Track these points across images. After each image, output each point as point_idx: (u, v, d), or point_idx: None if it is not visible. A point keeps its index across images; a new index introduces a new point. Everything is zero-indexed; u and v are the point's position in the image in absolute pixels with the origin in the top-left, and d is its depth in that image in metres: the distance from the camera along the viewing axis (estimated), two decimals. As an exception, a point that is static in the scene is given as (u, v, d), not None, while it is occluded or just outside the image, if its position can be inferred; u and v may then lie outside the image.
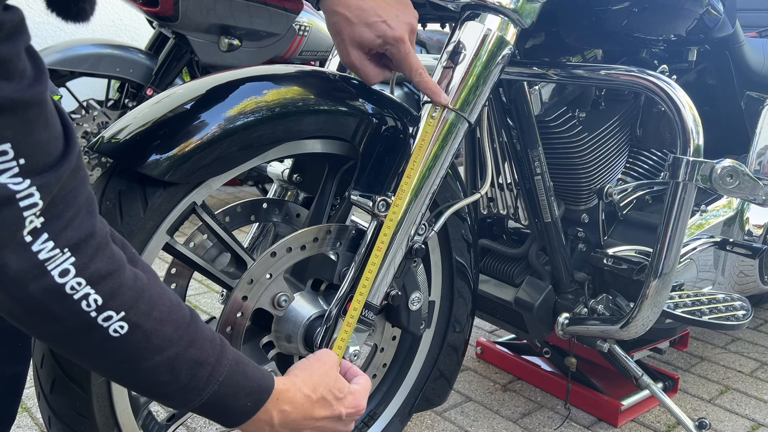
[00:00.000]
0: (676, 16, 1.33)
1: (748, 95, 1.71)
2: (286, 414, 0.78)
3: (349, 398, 0.86)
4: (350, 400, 0.86)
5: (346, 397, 0.85)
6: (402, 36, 0.95)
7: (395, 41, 0.95)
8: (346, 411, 0.85)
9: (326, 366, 0.86)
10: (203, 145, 0.91)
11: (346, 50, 0.97)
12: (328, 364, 0.87)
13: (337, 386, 0.85)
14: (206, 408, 0.72)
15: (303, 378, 0.83)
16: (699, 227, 1.54)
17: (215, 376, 0.70)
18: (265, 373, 0.77)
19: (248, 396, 0.74)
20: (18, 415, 1.52)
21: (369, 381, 0.92)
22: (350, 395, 0.86)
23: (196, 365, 0.69)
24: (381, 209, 1.02)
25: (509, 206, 1.50)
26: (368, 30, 0.94)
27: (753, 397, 1.75)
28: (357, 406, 0.86)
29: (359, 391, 0.88)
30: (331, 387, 0.84)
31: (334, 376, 0.86)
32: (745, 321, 1.37)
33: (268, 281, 1.01)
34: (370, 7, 0.94)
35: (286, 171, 1.22)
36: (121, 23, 4.09)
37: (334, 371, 0.86)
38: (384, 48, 0.96)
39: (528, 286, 1.46)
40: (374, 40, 0.95)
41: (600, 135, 1.42)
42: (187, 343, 0.68)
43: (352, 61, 0.98)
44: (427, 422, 1.57)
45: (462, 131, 1.05)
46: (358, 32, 0.95)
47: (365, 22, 0.94)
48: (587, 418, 1.61)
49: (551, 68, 1.26)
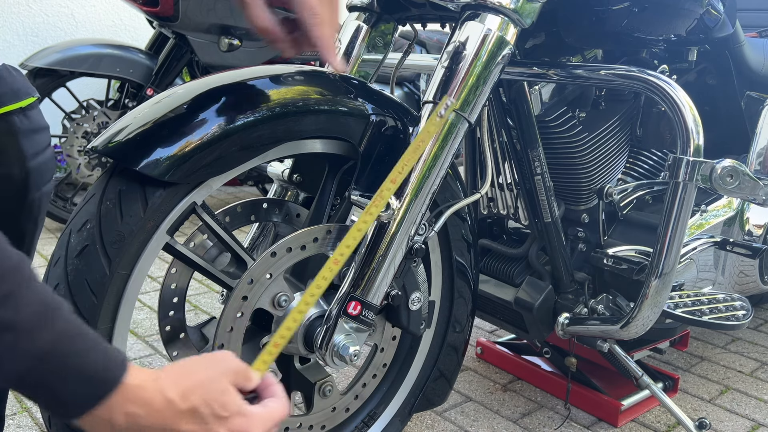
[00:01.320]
0: (676, 16, 1.33)
1: (748, 95, 1.71)
2: (135, 418, 0.61)
3: (236, 420, 0.64)
4: (237, 424, 0.64)
5: (232, 419, 0.64)
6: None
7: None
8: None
9: (214, 370, 0.66)
10: (203, 145, 0.91)
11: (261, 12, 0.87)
12: (219, 368, 0.66)
13: (221, 400, 0.64)
14: (29, 388, 0.59)
15: (173, 378, 0.64)
16: (699, 227, 1.54)
17: (28, 347, 0.57)
18: (119, 361, 0.61)
19: (83, 384, 0.59)
20: (18, 415, 1.52)
21: (284, 409, 0.71)
22: (240, 417, 0.65)
23: (4, 329, 0.56)
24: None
25: (509, 206, 1.50)
26: None
27: (753, 397, 1.75)
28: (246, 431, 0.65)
29: (257, 415, 0.67)
30: (212, 399, 0.64)
31: (222, 387, 0.65)
32: (745, 321, 1.37)
33: (268, 281, 1.01)
34: None
35: (286, 171, 1.22)
36: (121, 23, 4.09)
37: (224, 381, 0.66)
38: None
39: (528, 286, 1.46)
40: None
41: (600, 135, 1.42)
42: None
43: (264, 24, 0.87)
44: (427, 422, 1.57)
45: (462, 131, 1.05)
46: None
47: None
48: (587, 418, 1.61)
49: (551, 68, 1.26)
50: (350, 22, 1.31)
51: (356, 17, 1.31)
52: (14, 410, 1.54)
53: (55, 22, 3.88)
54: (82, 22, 3.96)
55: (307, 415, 1.15)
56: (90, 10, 3.98)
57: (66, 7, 3.90)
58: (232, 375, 0.67)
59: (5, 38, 3.72)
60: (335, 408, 1.18)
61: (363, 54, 1.31)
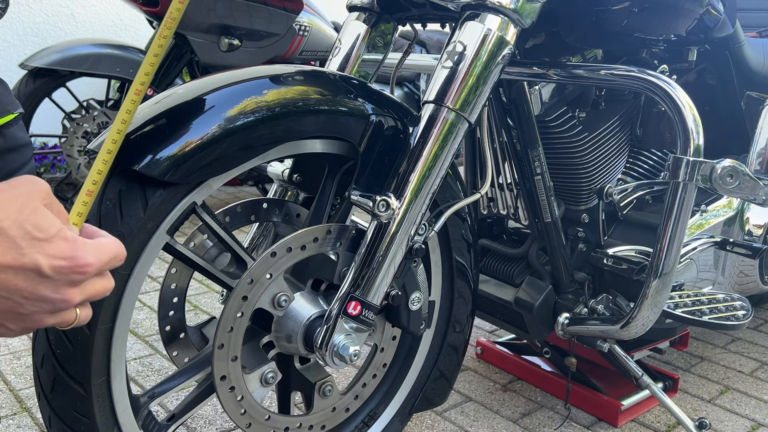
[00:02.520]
0: (676, 16, 1.33)
1: (748, 95, 1.71)
2: None
3: (58, 245, 0.53)
4: (60, 249, 0.53)
5: (52, 242, 0.52)
6: None
7: None
8: (49, 262, 0.52)
9: (20, 189, 0.53)
10: (203, 145, 0.91)
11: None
12: (26, 188, 0.54)
13: (33, 220, 0.52)
14: None
15: None
16: (699, 227, 1.54)
17: None
18: None
19: None
20: (18, 415, 1.52)
21: (118, 245, 0.58)
22: (62, 241, 0.53)
23: None
24: (381, 209, 1.02)
25: (509, 206, 1.50)
26: None
27: (753, 397, 1.75)
28: (72, 258, 0.53)
29: (85, 242, 0.55)
30: (23, 219, 0.52)
31: (33, 206, 0.53)
32: (745, 321, 1.37)
33: (268, 281, 1.01)
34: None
35: (286, 171, 1.22)
36: (121, 23, 4.09)
37: (34, 200, 0.53)
38: None
39: (528, 286, 1.46)
40: None
41: (600, 135, 1.42)
42: None
43: None
44: (427, 422, 1.57)
45: (462, 131, 1.05)
46: None
47: None
48: (587, 418, 1.61)
49: (551, 68, 1.26)
50: (350, 22, 1.31)
51: (356, 17, 1.31)
52: (14, 410, 1.54)
53: (55, 22, 3.88)
54: (82, 22, 3.96)
55: (307, 415, 1.15)
56: (90, 10, 3.99)
57: (66, 7, 3.90)
58: (43, 195, 0.54)
59: (5, 38, 3.72)
60: (335, 408, 1.18)
61: (363, 54, 1.31)
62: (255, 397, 1.05)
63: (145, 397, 1.04)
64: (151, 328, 2.01)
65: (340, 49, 1.30)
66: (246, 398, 1.04)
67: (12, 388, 1.63)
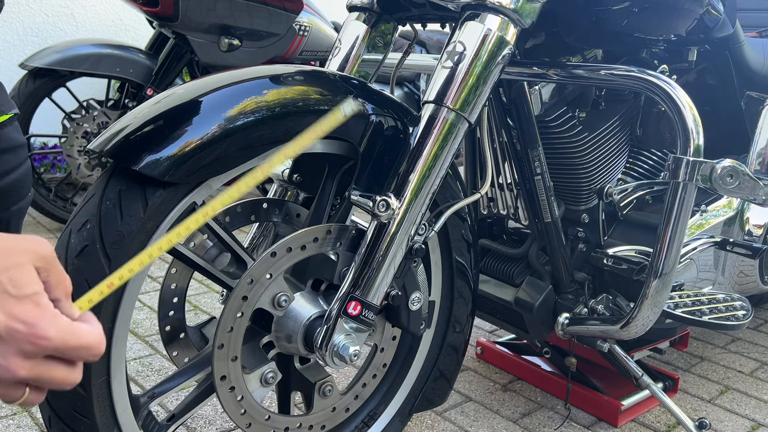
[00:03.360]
0: (676, 16, 1.33)
1: (748, 95, 1.71)
2: None
3: (25, 307, 0.50)
4: (25, 311, 0.49)
5: (21, 303, 0.49)
6: None
7: None
8: (6, 321, 0.49)
9: (15, 244, 0.51)
10: (203, 145, 0.91)
11: None
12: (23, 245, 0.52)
13: (13, 274, 0.50)
14: None
15: None
16: (699, 227, 1.54)
17: None
18: None
19: None
20: (18, 415, 1.52)
21: (96, 336, 0.54)
22: (32, 305, 0.50)
23: None
24: (381, 209, 1.02)
25: (509, 206, 1.50)
26: None
27: (753, 397, 1.75)
28: (32, 325, 0.49)
29: (57, 317, 0.51)
30: (4, 270, 0.50)
31: (18, 261, 0.50)
32: (745, 321, 1.37)
33: (268, 281, 1.01)
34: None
35: (286, 171, 1.22)
36: (121, 23, 4.09)
37: (24, 256, 0.51)
38: None
39: (528, 286, 1.46)
40: None
41: (600, 135, 1.42)
42: None
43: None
44: (427, 422, 1.57)
45: (462, 131, 1.05)
46: None
47: None
48: (587, 418, 1.61)
49: (551, 68, 1.26)
50: (350, 22, 1.31)
51: (356, 17, 1.31)
52: (14, 410, 1.54)
53: (55, 22, 3.88)
54: (82, 22, 3.96)
55: (307, 415, 1.15)
56: (90, 10, 3.98)
57: (66, 7, 3.90)
58: (39, 258, 0.52)
59: (5, 38, 3.72)
60: (335, 408, 1.18)
61: (363, 54, 1.31)
62: (255, 397, 1.05)
63: (145, 397, 1.04)
64: (151, 328, 2.01)
65: (340, 49, 1.30)
66: (246, 398, 1.04)
67: (12, 388, 1.63)
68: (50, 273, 0.53)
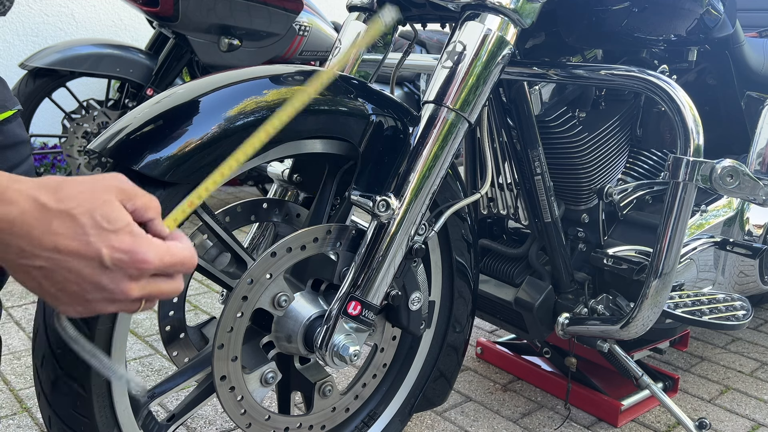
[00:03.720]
0: (676, 16, 1.33)
1: (748, 95, 1.71)
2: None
3: (123, 238, 0.55)
4: (124, 242, 0.54)
5: (118, 235, 0.54)
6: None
7: None
8: (111, 253, 0.54)
9: (100, 183, 0.56)
10: (203, 145, 0.91)
11: None
12: (106, 182, 0.56)
13: (104, 210, 0.54)
14: None
15: (41, 182, 0.54)
16: (699, 227, 1.54)
17: None
18: None
19: None
20: (18, 415, 1.52)
21: (189, 253, 0.60)
22: (127, 235, 0.55)
23: None
24: (381, 209, 1.02)
25: (509, 206, 1.50)
26: None
27: (753, 397, 1.75)
28: (133, 252, 0.55)
29: (151, 241, 0.57)
30: (94, 208, 0.54)
31: (107, 198, 0.55)
32: (745, 321, 1.37)
33: (268, 281, 1.01)
34: None
35: (286, 171, 1.22)
36: (121, 23, 4.09)
37: (110, 193, 0.56)
38: None
39: (528, 286, 1.46)
40: None
41: (600, 135, 1.42)
42: None
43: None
44: (427, 422, 1.57)
45: (462, 131, 1.05)
46: None
47: None
48: (587, 418, 1.61)
49: (551, 68, 1.26)
50: (350, 22, 1.31)
51: (356, 17, 1.31)
52: (14, 410, 1.54)
53: (55, 22, 3.88)
54: (82, 22, 3.96)
55: (307, 415, 1.15)
56: (90, 10, 3.99)
57: (66, 7, 3.90)
58: (119, 191, 0.57)
59: (5, 38, 3.72)
60: (335, 408, 1.18)
61: (363, 54, 1.31)
62: (255, 397, 1.05)
63: (145, 397, 1.04)
64: (151, 328, 2.01)
65: (340, 49, 1.30)
66: (246, 398, 1.04)
67: (12, 388, 1.63)
68: (135, 201, 0.58)
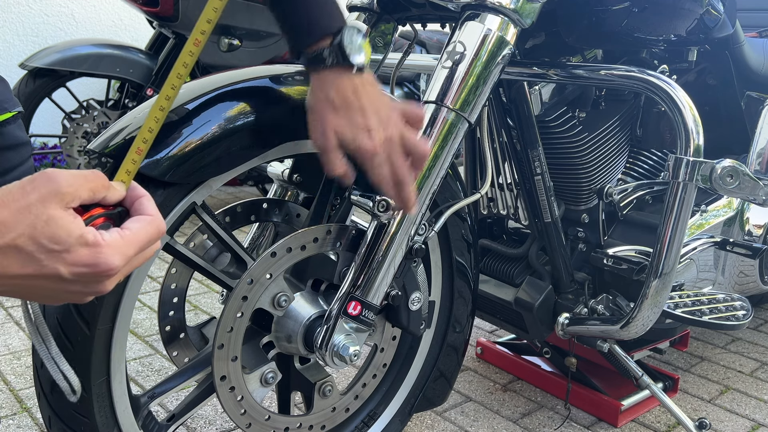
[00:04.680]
0: (676, 16, 1.33)
1: (748, 95, 1.71)
2: None
3: (79, 252, 0.52)
4: (82, 256, 0.52)
5: (72, 250, 0.52)
6: (375, 149, 0.86)
7: (367, 153, 0.86)
8: (70, 270, 0.52)
9: (31, 197, 0.52)
10: (203, 145, 0.91)
11: (324, 133, 0.87)
12: (37, 194, 0.52)
13: (47, 232, 0.51)
14: None
15: None
16: (699, 227, 1.54)
17: None
18: None
19: None
20: (18, 415, 1.52)
21: (153, 227, 0.59)
22: (82, 248, 0.52)
23: None
24: (381, 209, 1.02)
25: (509, 206, 1.50)
26: (348, 128, 0.86)
27: (753, 397, 1.75)
28: (94, 265, 0.53)
29: (109, 243, 0.54)
30: (37, 234, 0.51)
31: (46, 216, 0.51)
32: (745, 321, 1.37)
33: (268, 281, 1.01)
34: (357, 106, 0.86)
35: (286, 171, 1.22)
36: (121, 23, 4.09)
37: (48, 207, 0.52)
38: (355, 152, 0.88)
39: (528, 286, 1.46)
40: (349, 141, 0.87)
41: (600, 135, 1.42)
42: None
43: (325, 144, 0.88)
44: (427, 422, 1.57)
45: (462, 131, 1.05)
46: (339, 124, 0.86)
47: (348, 119, 0.86)
48: (587, 418, 1.61)
49: (551, 68, 1.26)
50: (350, 22, 1.31)
51: (356, 17, 1.31)
52: (14, 410, 1.54)
53: (55, 22, 3.88)
54: (82, 22, 3.96)
55: (307, 415, 1.15)
56: (90, 10, 3.99)
57: (66, 7, 3.90)
58: (57, 199, 0.52)
59: (5, 38, 3.72)
60: (335, 408, 1.18)
61: (363, 54, 1.31)
62: (255, 397, 1.05)
63: (145, 397, 1.04)
64: (151, 328, 2.01)
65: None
66: (246, 398, 1.04)
67: (12, 388, 1.63)
68: (78, 196, 0.54)
